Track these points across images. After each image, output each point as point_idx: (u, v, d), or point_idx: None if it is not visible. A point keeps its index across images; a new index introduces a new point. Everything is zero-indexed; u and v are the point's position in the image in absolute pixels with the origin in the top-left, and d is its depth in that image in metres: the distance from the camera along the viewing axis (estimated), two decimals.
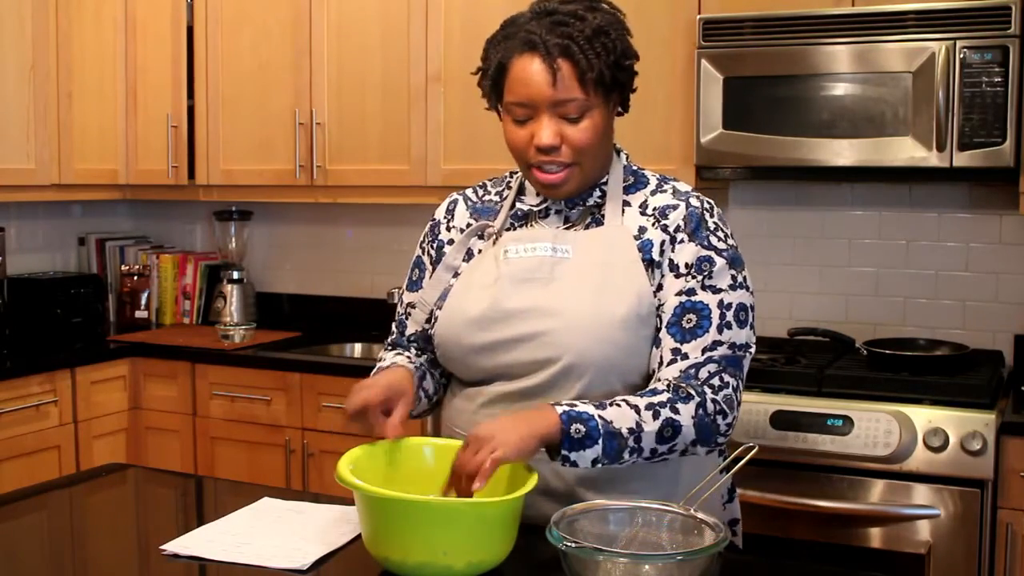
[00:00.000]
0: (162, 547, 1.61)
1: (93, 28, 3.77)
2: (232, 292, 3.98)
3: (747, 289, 1.75)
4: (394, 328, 1.95)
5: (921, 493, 2.60)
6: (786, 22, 2.88)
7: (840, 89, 2.84)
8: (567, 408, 1.56)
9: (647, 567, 1.38)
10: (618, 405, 1.59)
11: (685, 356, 1.67)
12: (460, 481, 1.52)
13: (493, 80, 1.73)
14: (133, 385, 3.62)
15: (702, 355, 1.67)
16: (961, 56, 2.70)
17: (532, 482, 1.53)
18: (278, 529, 1.69)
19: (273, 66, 3.67)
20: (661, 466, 1.70)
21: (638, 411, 1.59)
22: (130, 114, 3.89)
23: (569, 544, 1.37)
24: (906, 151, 2.77)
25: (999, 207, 3.10)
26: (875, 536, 2.63)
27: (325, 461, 3.30)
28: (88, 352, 3.55)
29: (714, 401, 1.64)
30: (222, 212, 4.05)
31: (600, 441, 1.55)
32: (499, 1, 3.43)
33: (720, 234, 1.75)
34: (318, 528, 1.69)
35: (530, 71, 1.67)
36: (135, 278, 4.05)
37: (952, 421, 2.57)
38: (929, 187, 3.19)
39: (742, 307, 1.72)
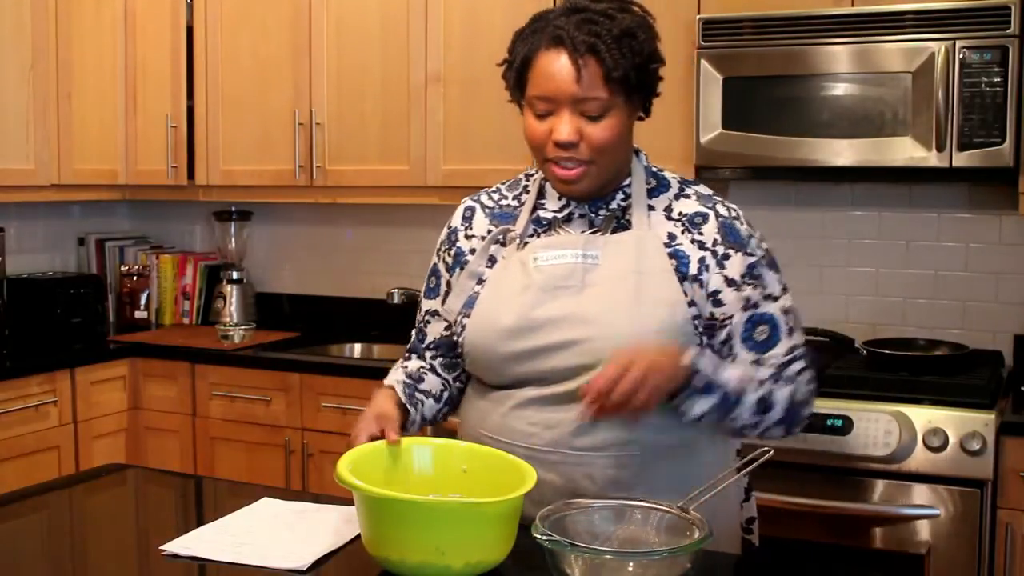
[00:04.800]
0: (162, 547, 1.61)
1: (93, 28, 3.77)
2: (232, 292, 3.98)
3: (788, 289, 1.80)
4: (413, 334, 1.96)
5: (921, 493, 2.60)
6: (785, 22, 2.88)
7: (840, 89, 2.84)
8: (693, 360, 1.60)
9: (631, 565, 1.37)
10: (730, 366, 1.64)
11: (768, 361, 1.72)
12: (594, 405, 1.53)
13: (518, 73, 1.72)
14: (133, 385, 3.62)
15: (787, 354, 1.73)
16: (960, 56, 2.70)
17: (531, 482, 1.53)
18: (278, 529, 1.69)
19: (273, 66, 3.67)
20: (689, 468, 1.70)
21: (745, 379, 1.65)
22: (130, 114, 3.89)
23: (550, 539, 1.37)
24: (906, 151, 2.77)
25: (999, 207, 3.10)
26: (875, 536, 2.63)
27: (325, 461, 3.30)
28: (88, 352, 3.55)
29: (805, 392, 1.72)
30: (222, 212, 4.05)
31: (715, 395, 1.61)
32: (499, 1, 3.45)
33: (755, 240, 1.77)
34: (318, 528, 1.69)
35: (555, 66, 1.66)
36: (135, 278, 4.05)
37: (952, 421, 2.57)
38: (929, 187, 3.19)
39: (794, 309, 1.78)
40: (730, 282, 1.72)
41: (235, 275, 4.00)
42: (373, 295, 3.91)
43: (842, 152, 2.84)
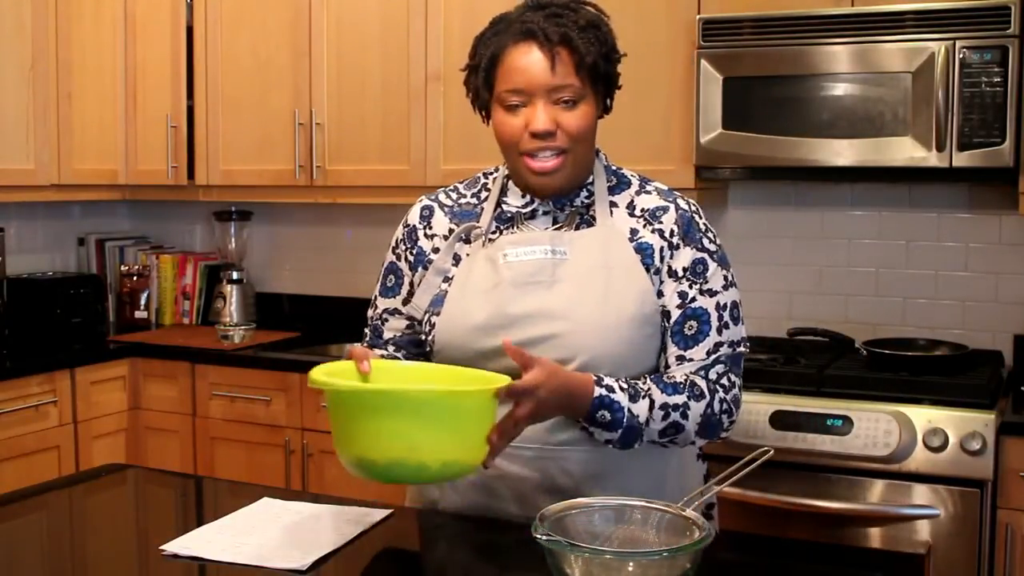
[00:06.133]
0: (162, 547, 1.61)
1: (93, 28, 3.77)
2: (232, 292, 3.98)
3: (735, 286, 1.81)
4: (367, 333, 1.97)
5: (921, 493, 2.60)
6: (785, 22, 2.88)
7: (840, 89, 2.84)
8: (604, 393, 1.64)
9: (631, 564, 1.37)
10: (645, 397, 1.67)
11: (691, 360, 1.74)
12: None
13: (486, 72, 1.74)
14: (133, 385, 3.62)
15: (707, 357, 1.74)
16: (960, 56, 2.70)
17: (505, 379, 1.53)
18: (278, 529, 1.69)
19: (273, 66, 3.67)
20: (664, 462, 1.74)
21: (652, 407, 1.67)
22: (130, 114, 3.89)
23: (550, 539, 1.36)
24: (905, 151, 2.77)
25: (998, 207, 3.10)
26: (875, 536, 2.63)
27: (325, 461, 3.30)
28: (88, 352, 3.55)
29: (723, 401, 1.73)
30: (222, 212, 4.05)
31: (618, 430, 1.65)
32: (499, 1, 3.44)
33: (710, 235, 1.80)
34: (318, 528, 1.69)
35: (528, 58, 1.69)
36: (135, 278, 4.05)
37: (952, 421, 2.57)
38: (928, 187, 3.19)
39: (735, 304, 1.79)
40: (674, 274, 1.75)
41: (235, 275, 4.00)
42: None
43: (842, 152, 2.84)
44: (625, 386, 1.67)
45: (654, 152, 3.08)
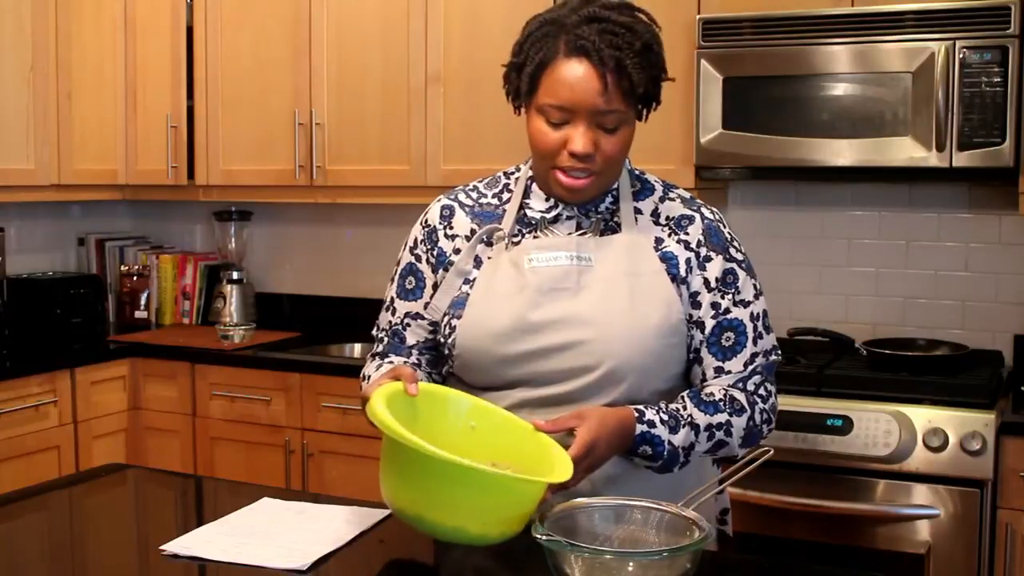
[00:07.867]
0: (162, 547, 1.61)
1: (93, 28, 3.77)
2: (232, 292, 3.98)
3: (763, 294, 1.80)
4: (384, 337, 1.91)
5: (921, 493, 2.60)
6: (786, 22, 2.88)
7: (840, 89, 2.84)
8: (646, 429, 1.64)
9: (631, 564, 1.37)
10: (686, 425, 1.68)
11: (729, 372, 1.74)
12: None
13: (530, 77, 1.68)
14: (133, 385, 3.62)
15: (745, 368, 1.74)
16: (961, 56, 2.70)
17: (563, 464, 1.52)
18: (278, 529, 1.69)
19: (273, 66, 3.67)
20: (684, 468, 1.73)
21: (697, 432, 1.68)
22: (130, 114, 3.89)
23: (550, 539, 1.36)
24: (906, 151, 2.77)
25: (999, 207, 3.10)
26: (875, 536, 2.63)
27: (325, 461, 3.30)
28: (88, 352, 3.55)
29: (763, 411, 1.75)
30: (222, 212, 4.05)
31: (659, 462, 1.67)
32: (499, 1, 3.45)
33: (736, 244, 1.79)
34: (318, 528, 1.69)
35: (578, 76, 1.63)
36: (135, 278, 4.05)
37: (952, 421, 2.57)
38: (929, 187, 3.19)
39: (765, 313, 1.79)
40: (707, 285, 1.74)
41: (235, 275, 4.00)
42: (373, 295, 3.90)
43: (842, 152, 2.84)
44: (666, 417, 1.66)
45: (654, 152, 3.07)
